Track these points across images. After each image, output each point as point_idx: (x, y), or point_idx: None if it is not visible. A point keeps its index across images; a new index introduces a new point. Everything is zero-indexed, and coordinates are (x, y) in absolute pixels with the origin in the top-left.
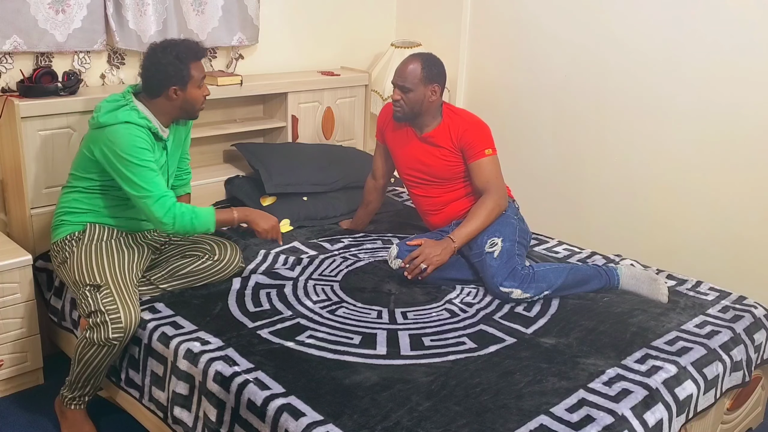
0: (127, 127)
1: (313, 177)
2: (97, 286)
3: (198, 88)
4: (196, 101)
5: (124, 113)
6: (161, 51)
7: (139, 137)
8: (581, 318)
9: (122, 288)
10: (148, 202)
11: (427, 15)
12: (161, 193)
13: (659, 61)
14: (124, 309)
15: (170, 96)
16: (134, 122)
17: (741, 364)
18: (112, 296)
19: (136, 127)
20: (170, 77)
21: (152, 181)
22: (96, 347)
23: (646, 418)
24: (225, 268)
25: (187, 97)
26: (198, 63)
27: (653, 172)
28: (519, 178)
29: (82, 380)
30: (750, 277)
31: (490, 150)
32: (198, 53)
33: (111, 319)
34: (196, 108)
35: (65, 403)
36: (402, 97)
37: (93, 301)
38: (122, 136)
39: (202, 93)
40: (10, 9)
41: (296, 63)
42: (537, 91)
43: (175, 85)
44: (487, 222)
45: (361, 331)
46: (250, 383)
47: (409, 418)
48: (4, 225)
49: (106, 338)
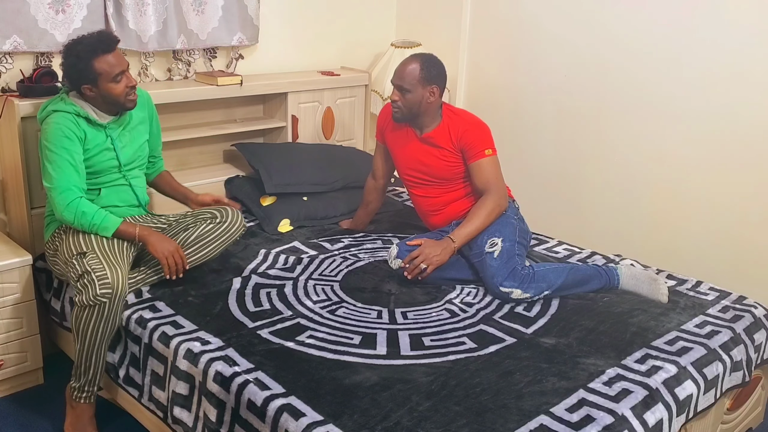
0: (53, 116)
1: (313, 177)
2: (83, 253)
3: (113, 82)
4: (116, 95)
5: (52, 104)
6: (65, 51)
7: (63, 124)
8: (581, 318)
9: (108, 254)
10: (52, 193)
11: (427, 15)
12: (66, 186)
13: (659, 61)
14: (110, 269)
15: (86, 93)
16: (60, 109)
17: (741, 364)
18: (98, 258)
19: (62, 114)
20: (77, 77)
21: (62, 171)
22: (87, 310)
23: (646, 418)
24: (229, 228)
25: (103, 93)
26: (105, 57)
27: (653, 172)
28: (519, 178)
29: (84, 359)
30: (750, 277)
31: (490, 150)
32: (99, 48)
33: (97, 276)
34: (121, 100)
35: (74, 396)
36: (400, 98)
37: (79, 266)
38: (48, 125)
39: (123, 85)
40: (10, 9)
41: (296, 63)
42: (537, 91)
43: (84, 83)
44: (486, 222)
45: (361, 331)
46: (250, 383)
47: (409, 418)
48: (4, 225)
49: (94, 295)
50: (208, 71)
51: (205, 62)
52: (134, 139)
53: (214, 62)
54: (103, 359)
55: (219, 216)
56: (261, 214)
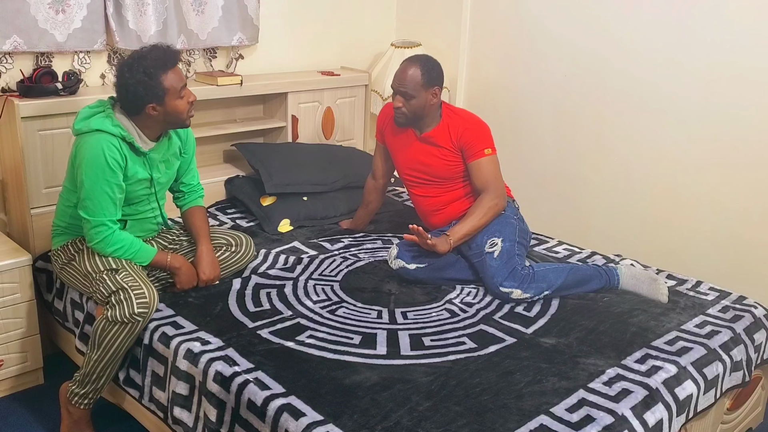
0: (97, 137)
1: (313, 177)
2: (115, 269)
3: (178, 98)
4: (179, 112)
5: (96, 121)
6: (128, 70)
7: (108, 151)
8: (581, 318)
9: (140, 272)
10: (86, 225)
11: (427, 15)
12: (100, 221)
13: (659, 61)
14: (146, 287)
15: (149, 113)
16: (106, 130)
17: (741, 364)
18: (132, 276)
19: (107, 136)
20: (143, 96)
21: (100, 205)
22: (119, 326)
23: (646, 418)
24: (242, 257)
25: (168, 110)
26: (171, 73)
27: (653, 172)
28: (519, 178)
29: (99, 369)
30: (750, 277)
31: (489, 150)
32: (168, 62)
33: (135, 294)
34: (182, 118)
35: (73, 401)
36: (404, 104)
37: (113, 282)
38: (90, 146)
39: (186, 101)
40: (10, 9)
41: (296, 63)
42: (537, 91)
43: (150, 102)
44: (484, 221)
45: (361, 331)
46: (251, 383)
47: (409, 418)
48: (4, 225)
49: (131, 314)
50: (208, 71)
51: (205, 62)
52: (169, 168)
53: (214, 62)
54: (116, 370)
55: (234, 244)
56: (261, 214)
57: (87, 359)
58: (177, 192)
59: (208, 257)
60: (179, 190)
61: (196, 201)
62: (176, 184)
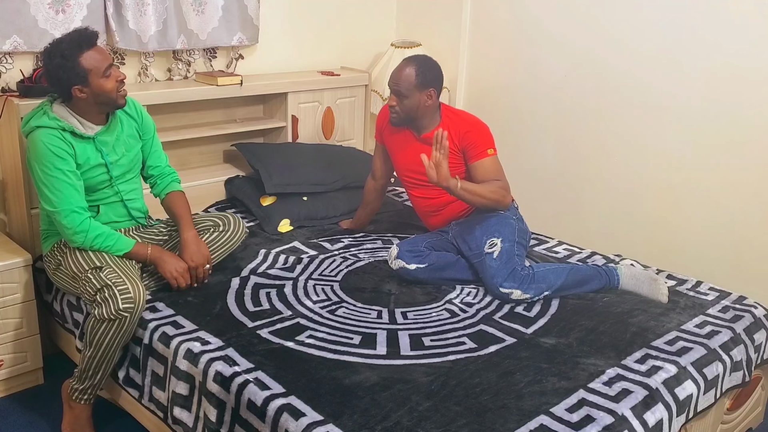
0: (37, 133)
1: (313, 177)
2: (99, 267)
3: (103, 77)
4: (107, 91)
5: (35, 119)
6: (47, 56)
7: (50, 142)
8: (581, 318)
9: (125, 268)
10: (57, 217)
11: (427, 15)
12: (69, 208)
13: (659, 61)
14: (130, 282)
15: (78, 96)
16: (44, 125)
17: (741, 364)
18: (116, 272)
19: (47, 131)
20: (66, 79)
21: (62, 193)
22: (107, 323)
23: (646, 418)
24: (232, 236)
25: (95, 91)
26: (91, 53)
27: (653, 172)
28: (519, 178)
29: (94, 366)
30: (750, 277)
31: (491, 150)
32: (83, 43)
33: (119, 290)
34: (113, 97)
35: (73, 396)
36: (398, 103)
37: (97, 280)
38: (33, 143)
39: (114, 79)
40: (10, 9)
41: (296, 63)
42: (537, 91)
43: (75, 84)
44: (491, 197)
45: (361, 331)
46: (250, 383)
47: (409, 418)
48: (4, 225)
49: (116, 310)
50: (208, 71)
51: (205, 62)
52: (129, 150)
53: (214, 62)
54: (112, 366)
55: (222, 224)
56: (261, 214)
57: (82, 356)
58: (149, 178)
59: (193, 243)
60: (150, 174)
61: (172, 186)
62: (145, 170)
